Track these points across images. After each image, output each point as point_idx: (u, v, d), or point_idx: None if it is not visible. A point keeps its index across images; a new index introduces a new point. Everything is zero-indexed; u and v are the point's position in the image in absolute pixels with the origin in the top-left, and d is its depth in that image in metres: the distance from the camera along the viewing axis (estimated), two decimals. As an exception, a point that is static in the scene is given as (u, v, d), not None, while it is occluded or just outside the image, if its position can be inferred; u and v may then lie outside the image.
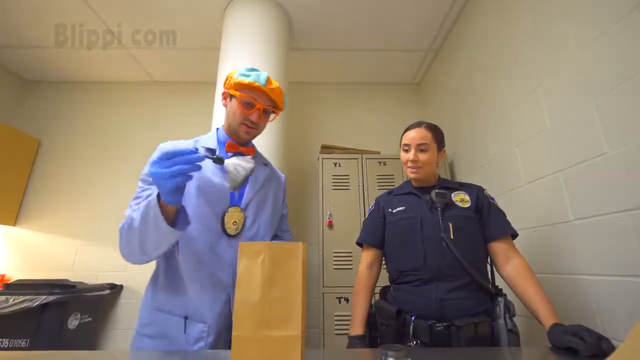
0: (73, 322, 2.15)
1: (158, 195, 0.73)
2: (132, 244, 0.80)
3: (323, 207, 2.37)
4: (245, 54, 2.14)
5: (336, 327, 2.10)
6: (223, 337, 0.89)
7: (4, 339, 1.90)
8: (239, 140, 1.02)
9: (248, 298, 0.53)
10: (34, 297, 1.93)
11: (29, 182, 2.88)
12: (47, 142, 3.01)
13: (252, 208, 0.99)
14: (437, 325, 0.92)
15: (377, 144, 2.81)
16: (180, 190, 0.72)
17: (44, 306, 1.95)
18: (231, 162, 0.79)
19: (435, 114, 2.83)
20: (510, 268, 1.01)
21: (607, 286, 1.11)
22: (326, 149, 2.65)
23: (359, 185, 2.43)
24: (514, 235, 1.08)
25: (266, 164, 1.12)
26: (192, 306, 0.87)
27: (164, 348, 0.84)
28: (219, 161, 0.78)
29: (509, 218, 1.11)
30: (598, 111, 1.17)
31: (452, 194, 1.11)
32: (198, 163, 0.69)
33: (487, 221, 1.08)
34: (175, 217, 0.78)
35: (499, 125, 1.84)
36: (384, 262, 1.21)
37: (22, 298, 1.91)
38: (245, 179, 0.80)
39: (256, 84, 0.93)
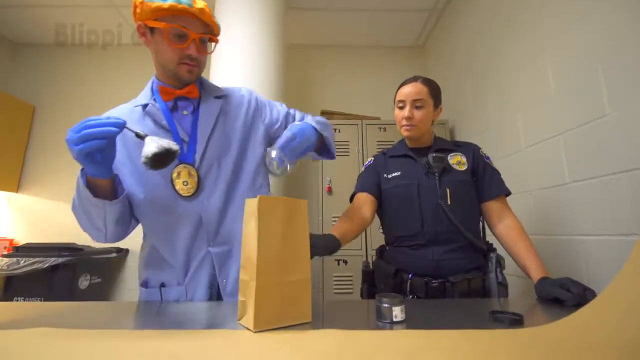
0: (84, 283, 2.25)
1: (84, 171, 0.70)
2: (84, 223, 0.79)
3: (322, 173, 2.39)
4: (241, 13, 2.05)
5: (335, 287, 2.20)
6: (203, 294, 0.84)
7: (19, 298, 2.00)
8: (177, 84, 0.85)
9: (269, 250, 0.58)
10: (44, 259, 2.01)
11: (27, 149, 2.87)
12: (42, 107, 2.95)
13: (211, 154, 0.85)
14: (433, 281, 0.97)
15: (378, 110, 2.76)
16: (94, 158, 0.65)
17: (54, 268, 2.03)
18: (152, 138, 0.68)
19: (437, 78, 2.74)
20: (503, 227, 1.04)
21: (597, 245, 1.15)
22: (326, 114, 2.61)
23: (358, 151, 2.43)
24: (508, 194, 1.10)
25: (219, 96, 0.92)
26: (167, 272, 0.85)
27: None
28: (139, 137, 0.68)
29: (507, 182, 1.12)
30: (604, 72, 1.14)
31: (449, 157, 1.10)
32: (112, 128, 0.63)
33: (482, 181, 1.09)
34: (114, 186, 0.75)
35: (502, 89, 1.81)
36: (379, 227, 1.23)
37: (32, 260, 1.99)
38: (162, 158, 0.67)
39: (180, 5, 0.73)
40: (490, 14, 1.95)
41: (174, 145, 0.67)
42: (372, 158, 1.24)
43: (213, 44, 0.86)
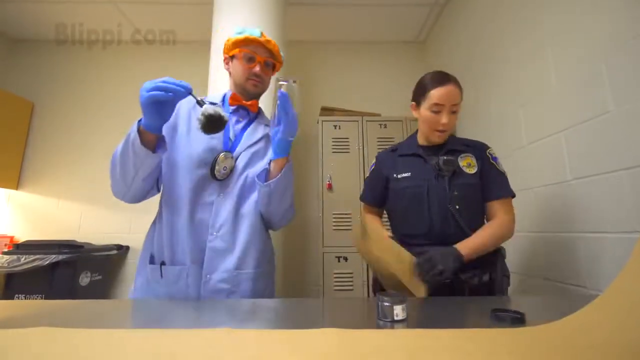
0: (84, 280, 2.26)
1: (139, 122, 0.80)
2: (116, 172, 0.86)
3: (323, 170, 2.39)
4: (240, 8, 2.03)
5: (335, 284, 2.20)
6: (202, 279, 0.90)
7: (20, 295, 2.00)
8: (245, 95, 1.05)
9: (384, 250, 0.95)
10: (44, 256, 2.01)
11: (26, 146, 2.85)
12: (41, 104, 2.93)
13: (243, 158, 1.00)
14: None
15: (378, 106, 2.75)
16: (156, 108, 0.76)
17: (54, 265, 2.04)
18: (209, 105, 0.80)
19: (438, 75, 2.75)
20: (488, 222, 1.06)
21: (599, 243, 1.15)
22: (326, 110, 2.60)
23: (359, 148, 2.43)
24: (512, 196, 1.09)
25: (269, 126, 1.11)
26: (169, 249, 0.91)
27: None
28: (199, 103, 0.81)
29: (508, 179, 1.11)
30: (607, 69, 1.13)
31: (459, 158, 1.08)
32: (181, 89, 0.75)
33: (487, 182, 1.08)
34: (156, 145, 0.84)
35: (504, 85, 1.80)
36: (386, 221, 1.24)
37: (32, 257, 1.99)
38: (213, 122, 0.78)
39: (252, 36, 0.99)
40: (491, 9, 1.93)
41: (225, 115, 0.80)
42: (375, 159, 1.24)
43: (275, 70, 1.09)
